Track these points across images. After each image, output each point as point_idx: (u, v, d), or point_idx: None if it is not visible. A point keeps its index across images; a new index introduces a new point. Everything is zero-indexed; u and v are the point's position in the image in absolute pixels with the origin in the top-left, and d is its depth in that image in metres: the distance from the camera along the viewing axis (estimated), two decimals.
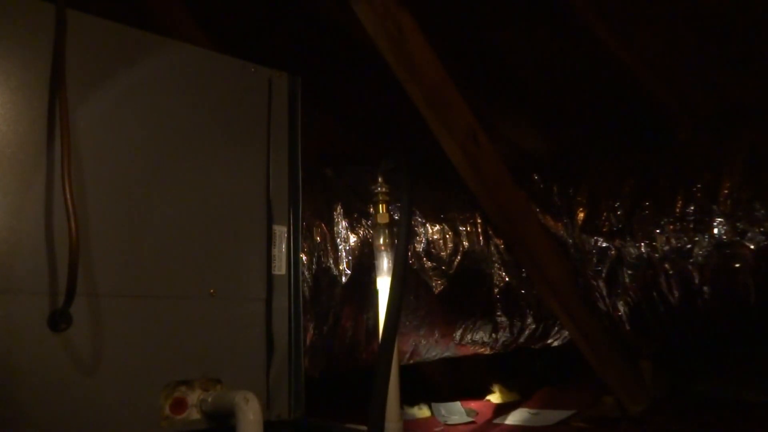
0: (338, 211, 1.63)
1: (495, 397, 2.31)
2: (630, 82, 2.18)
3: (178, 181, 1.23)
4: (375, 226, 1.35)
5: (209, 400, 1.19)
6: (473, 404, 2.21)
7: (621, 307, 1.82)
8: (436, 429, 1.89)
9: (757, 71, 2.03)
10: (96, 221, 1.11)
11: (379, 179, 1.34)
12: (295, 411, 1.32)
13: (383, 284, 1.33)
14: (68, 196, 1.01)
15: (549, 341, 2.08)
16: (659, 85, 2.22)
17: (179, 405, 1.19)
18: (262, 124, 1.37)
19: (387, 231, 1.32)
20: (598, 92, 2.31)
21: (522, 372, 2.53)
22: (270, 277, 1.33)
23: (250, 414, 1.07)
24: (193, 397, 1.20)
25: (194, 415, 1.20)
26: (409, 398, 2.07)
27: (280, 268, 1.35)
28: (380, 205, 1.33)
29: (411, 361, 1.90)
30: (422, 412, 2.08)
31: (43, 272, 1.07)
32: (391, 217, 1.32)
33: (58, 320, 1.07)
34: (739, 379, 2.07)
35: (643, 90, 2.23)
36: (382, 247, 1.32)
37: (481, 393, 2.36)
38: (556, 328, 2.01)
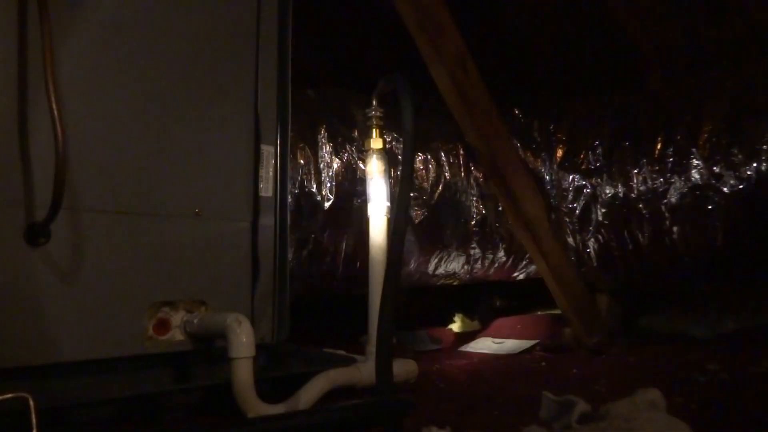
0: (322, 134, 1.57)
1: (456, 327, 2.37)
2: (605, 20, 2.16)
3: (164, 94, 1.15)
4: (367, 150, 1.30)
5: (195, 321, 1.16)
6: (437, 333, 2.26)
7: (591, 244, 1.87)
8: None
9: (731, 13, 2.04)
10: (77, 131, 1.03)
11: (374, 102, 1.29)
12: (279, 334, 1.30)
13: (373, 211, 1.30)
14: (53, 99, 0.92)
15: (515, 274, 2.13)
16: (633, 23, 2.21)
17: (163, 326, 1.15)
18: (250, 35, 1.28)
19: (380, 157, 1.28)
20: (576, 29, 2.28)
21: (481, 303, 2.60)
22: (257, 199, 1.28)
23: (242, 336, 1.05)
24: (177, 318, 1.17)
25: (178, 336, 1.17)
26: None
27: (267, 189, 1.30)
28: (374, 130, 1.28)
29: None
30: None
31: (17, 182, 0.99)
32: (384, 142, 1.28)
33: (37, 234, 1.00)
34: (684, 315, 2.18)
35: (619, 29, 2.22)
36: (375, 174, 1.28)
37: (443, 322, 2.41)
38: (524, 262, 2.06)
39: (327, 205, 1.55)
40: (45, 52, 0.93)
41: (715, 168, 1.59)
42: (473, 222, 1.85)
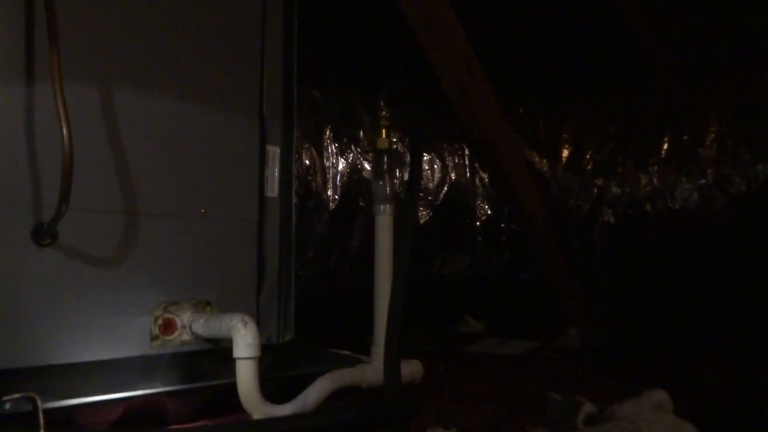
0: (327, 135, 1.57)
1: (463, 327, 2.36)
2: (611, 19, 2.16)
3: (169, 94, 1.15)
4: (373, 151, 1.30)
5: (201, 321, 1.16)
6: (444, 333, 2.25)
7: (597, 244, 1.86)
8: None
9: (733, 13, 2.03)
10: (84, 132, 1.03)
11: (381, 103, 1.29)
12: (284, 334, 1.30)
13: (379, 211, 1.30)
14: (59, 100, 0.92)
15: (521, 275, 2.12)
16: (639, 23, 2.21)
17: (169, 326, 1.15)
18: (256, 36, 1.29)
19: (386, 157, 1.28)
20: (582, 28, 2.28)
21: (489, 304, 2.60)
22: (262, 199, 1.28)
23: (248, 337, 1.05)
24: (183, 318, 1.17)
25: (184, 336, 1.17)
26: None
27: (272, 190, 1.30)
28: (381, 130, 1.28)
29: None
30: None
31: (26, 182, 0.99)
32: (390, 143, 1.28)
33: (44, 234, 1.00)
34: (691, 315, 2.17)
35: (625, 29, 2.21)
36: (380, 174, 1.28)
37: (448, 323, 2.41)
38: (530, 263, 2.05)
39: (332, 205, 1.55)
40: (52, 53, 0.94)
41: (722, 169, 1.59)
42: (478, 222, 1.85)
